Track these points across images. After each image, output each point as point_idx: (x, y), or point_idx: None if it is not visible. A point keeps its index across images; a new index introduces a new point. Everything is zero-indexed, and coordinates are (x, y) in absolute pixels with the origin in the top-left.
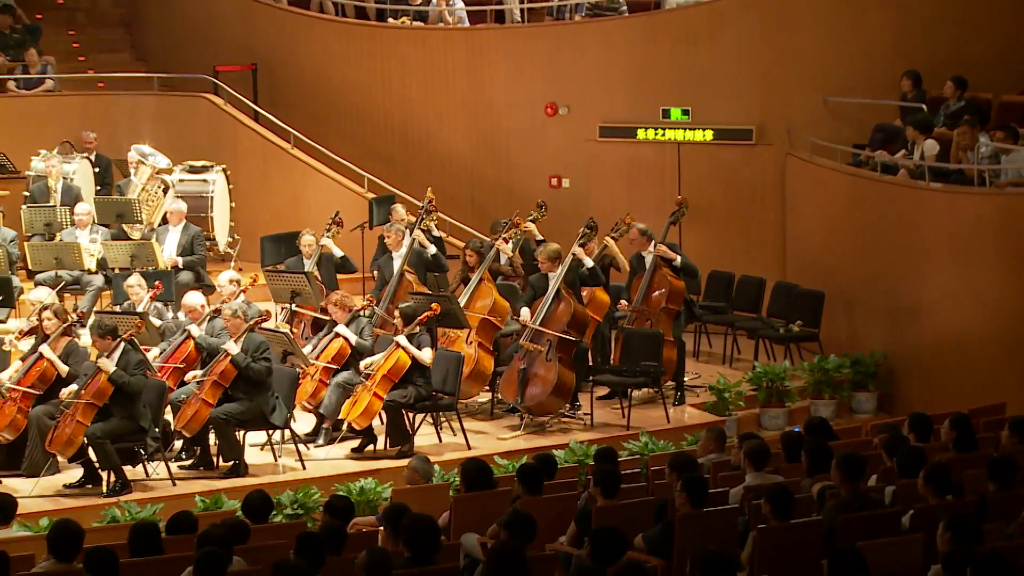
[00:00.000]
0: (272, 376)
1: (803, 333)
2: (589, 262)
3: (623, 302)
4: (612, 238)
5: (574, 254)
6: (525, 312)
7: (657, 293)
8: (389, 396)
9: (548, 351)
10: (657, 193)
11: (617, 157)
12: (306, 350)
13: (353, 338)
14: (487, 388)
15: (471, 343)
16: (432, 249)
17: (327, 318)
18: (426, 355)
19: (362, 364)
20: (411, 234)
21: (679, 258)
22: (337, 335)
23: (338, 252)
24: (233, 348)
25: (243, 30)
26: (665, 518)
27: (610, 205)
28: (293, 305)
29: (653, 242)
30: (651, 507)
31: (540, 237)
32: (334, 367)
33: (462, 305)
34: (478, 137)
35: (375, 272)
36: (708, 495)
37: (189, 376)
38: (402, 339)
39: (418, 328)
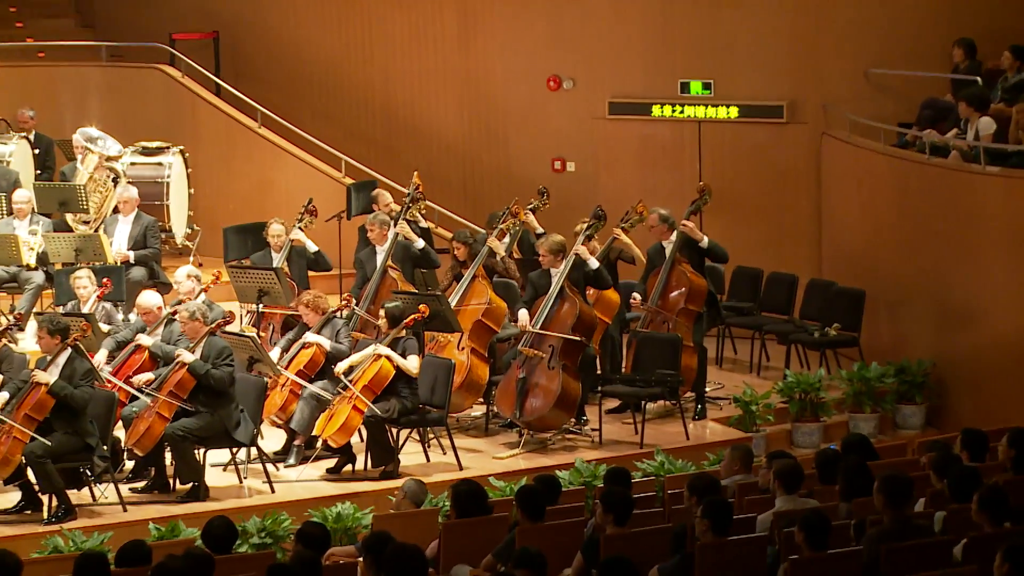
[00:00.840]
0: (236, 386)
1: (841, 337)
2: (594, 263)
3: (636, 296)
4: (622, 229)
5: (577, 253)
6: (524, 315)
7: (675, 292)
8: (370, 409)
9: (550, 358)
10: (674, 178)
11: (629, 137)
12: (272, 353)
13: (327, 343)
14: (481, 400)
15: (463, 349)
16: (420, 243)
17: (297, 320)
18: (412, 364)
19: (337, 368)
20: (395, 226)
21: (706, 239)
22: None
23: (312, 247)
24: (187, 356)
25: None
26: (683, 548)
27: (621, 191)
28: (260, 306)
29: (675, 231)
30: (667, 535)
31: (540, 229)
32: (307, 375)
33: (453, 306)
34: (471, 115)
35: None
36: (733, 522)
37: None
38: (383, 348)
39: (403, 332)
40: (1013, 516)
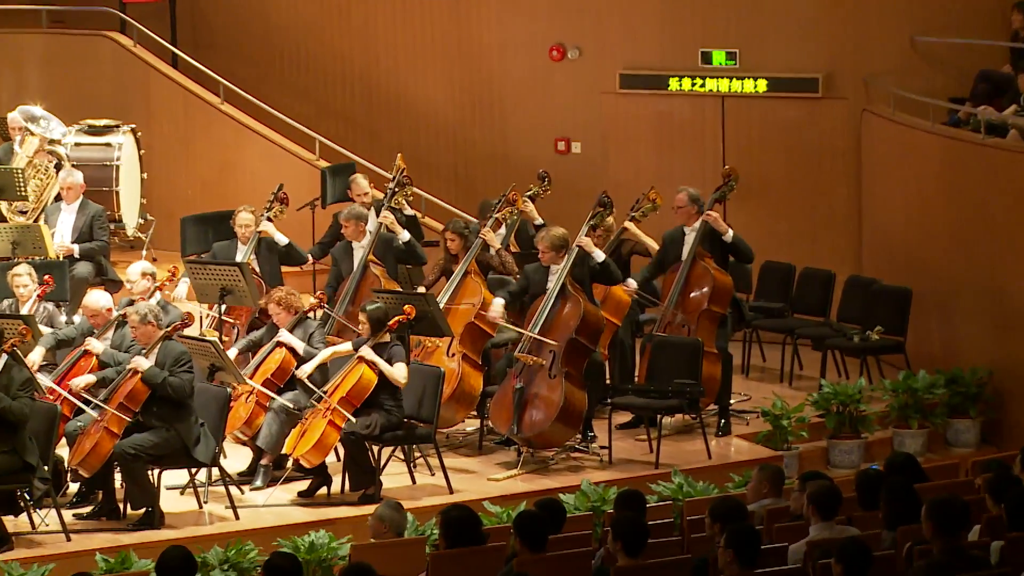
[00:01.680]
0: (195, 397)
1: (884, 342)
2: (600, 255)
3: (630, 283)
4: (633, 219)
5: (580, 245)
6: (498, 304)
7: (697, 291)
8: (348, 424)
9: (551, 364)
10: (695, 161)
11: (643, 114)
12: (229, 353)
13: (300, 346)
14: (474, 414)
15: (454, 355)
16: (405, 235)
17: (265, 322)
18: (400, 371)
19: (300, 371)
20: (378, 216)
21: (730, 232)
22: (280, 344)
23: (282, 239)
24: (143, 363)
25: None
26: None
27: (633, 176)
28: (223, 306)
29: (700, 217)
30: (687, 568)
31: (540, 220)
32: (276, 384)
33: (442, 306)
34: (463, 89)
35: (312, 256)
36: (761, 552)
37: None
38: (367, 351)
39: (386, 337)
40: None
